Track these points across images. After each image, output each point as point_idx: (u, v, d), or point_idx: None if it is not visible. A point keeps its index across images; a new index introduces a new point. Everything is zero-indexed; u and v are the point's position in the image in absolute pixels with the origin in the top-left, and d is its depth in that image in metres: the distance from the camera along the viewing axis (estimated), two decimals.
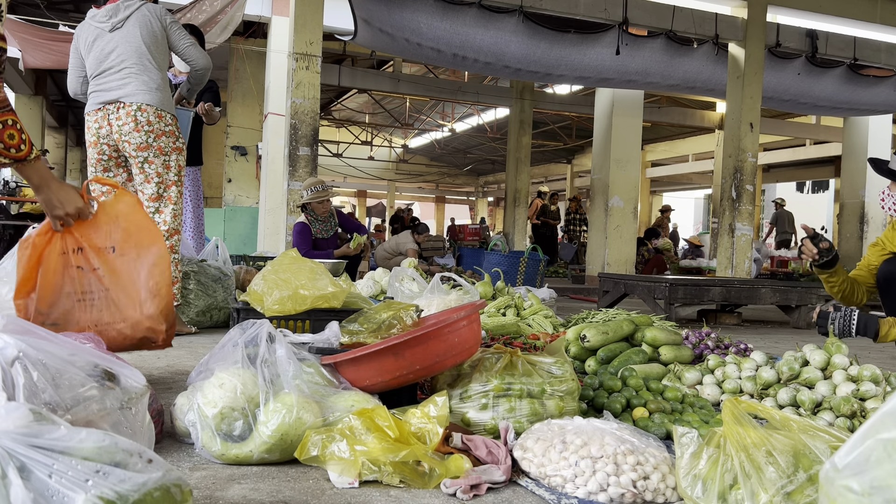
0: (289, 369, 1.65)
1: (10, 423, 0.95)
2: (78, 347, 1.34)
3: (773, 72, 8.28)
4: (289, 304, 2.02)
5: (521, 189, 12.60)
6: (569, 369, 1.87)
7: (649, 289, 5.30)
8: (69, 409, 1.19)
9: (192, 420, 1.63)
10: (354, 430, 1.50)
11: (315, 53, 6.06)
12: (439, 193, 29.98)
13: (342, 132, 20.79)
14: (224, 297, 3.89)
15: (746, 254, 7.85)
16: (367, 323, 1.96)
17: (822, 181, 20.96)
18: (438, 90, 12.63)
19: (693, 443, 1.45)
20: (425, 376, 1.81)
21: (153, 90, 3.30)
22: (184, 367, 2.71)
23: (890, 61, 8.70)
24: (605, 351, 2.70)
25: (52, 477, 0.94)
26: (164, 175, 3.35)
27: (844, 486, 1.02)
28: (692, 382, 2.48)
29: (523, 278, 7.48)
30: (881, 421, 1.01)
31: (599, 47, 7.54)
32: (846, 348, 2.28)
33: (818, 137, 15.23)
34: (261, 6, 8.35)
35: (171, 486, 1.04)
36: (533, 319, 3.57)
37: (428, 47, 7.26)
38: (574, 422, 1.64)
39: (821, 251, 2.83)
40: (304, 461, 1.50)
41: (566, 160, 22.05)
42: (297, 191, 5.93)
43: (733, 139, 7.84)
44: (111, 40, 3.30)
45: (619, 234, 9.52)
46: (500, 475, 1.53)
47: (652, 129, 16.52)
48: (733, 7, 7.94)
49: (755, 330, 5.28)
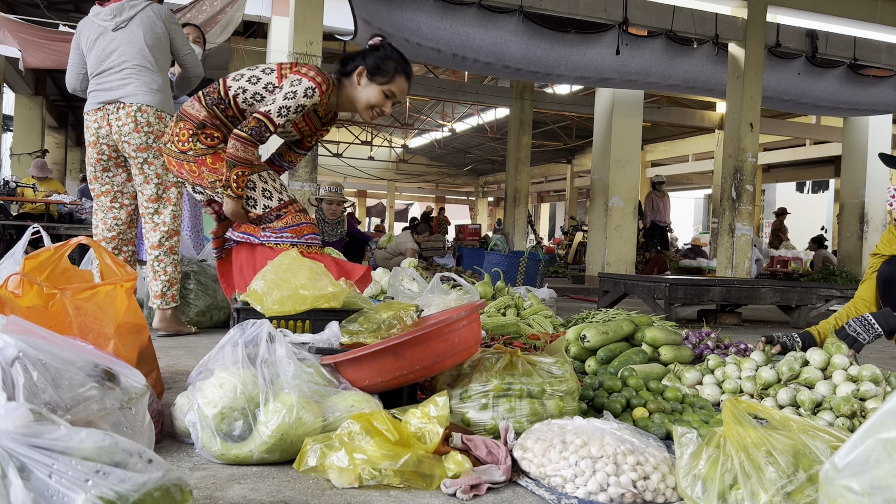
0: (289, 369, 1.65)
1: (10, 423, 0.95)
2: (78, 347, 1.34)
3: (773, 72, 8.29)
4: (289, 304, 2.02)
5: (521, 189, 12.61)
6: (569, 369, 1.87)
7: (649, 289, 5.30)
8: (69, 409, 1.19)
9: (192, 420, 1.63)
10: (353, 436, 1.50)
11: (315, 53, 6.06)
12: (439, 193, 30.00)
13: (342, 132, 20.80)
14: (224, 297, 3.89)
15: (746, 254, 7.85)
16: (367, 323, 1.96)
17: (822, 181, 20.97)
18: (438, 90, 12.63)
19: (693, 443, 1.45)
20: (425, 376, 1.81)
21: (154, 91, 3.29)
22: (184, 367, 2.71)
23: (890, 61, 8.70)
24: (605, 351, 2.70)
25: (52, 477, 0.94)
26: (163, 176, 3.35)
27: (844, 486, 1.02)
28: (692, 382, 2.48)
29: (523, 278, 7.48)
30: (881, 421, 1.01)
31: (599, 47, 7.54)
32: (846, 348, 2.28)
33: (818, 137, 15.24)
34: (261, 6, 8.35)
35: (171, 486, 1.04)
36: (533, 319, 3.57)
37: (428, 47, 7.26)
38: (574, 422, 1.64)
39: (784, 348, 2.64)
40: (302, 472, 1.49)
41: (566, 160, 22.05)
42: (297, 191, 5.94)
43: (733, 139, 7.84)
44: (114, 39, 3.29)
45: (619, 234, 9.52)
46: (500, 475, 1.53)
47: (652, 129, 16.52)
48: (733, 7, 7.94)
49: (755, 330, 5.28)
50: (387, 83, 2.61)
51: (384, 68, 2.60)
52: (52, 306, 1.75)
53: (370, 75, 2.60)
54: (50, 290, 1.75)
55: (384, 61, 2.60)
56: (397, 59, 2.62)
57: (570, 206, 22.07)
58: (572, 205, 22.14)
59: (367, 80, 2.61)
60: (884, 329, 2.52)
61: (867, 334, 2.51)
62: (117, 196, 3.44)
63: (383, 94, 2.62)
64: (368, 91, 2.62)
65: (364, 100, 2.63)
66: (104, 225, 3.44)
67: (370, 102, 2.62)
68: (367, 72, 2.60)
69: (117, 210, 3.45)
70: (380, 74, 2.60)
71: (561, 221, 26.60)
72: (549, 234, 28.82)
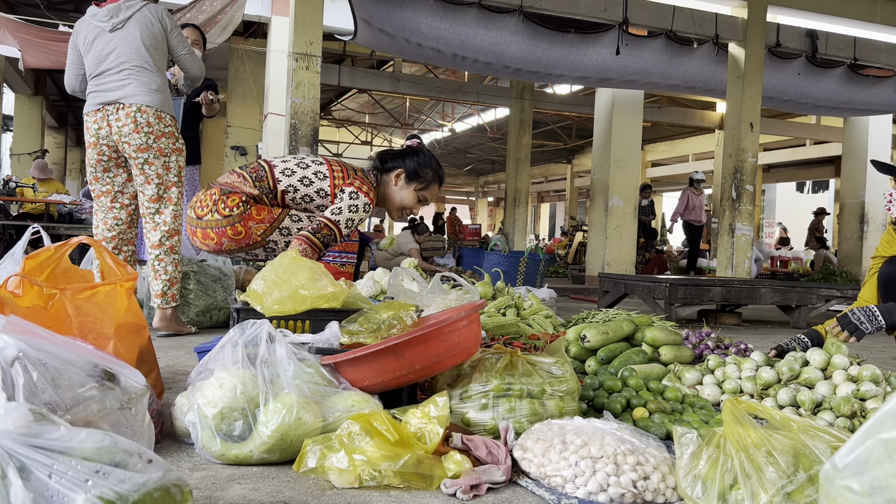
0: (289, 369, 1.65)
1: (10, 423, 0.95)
2: (78, 347, 1.34)
3: (773, 72, 8.29)
4: (289, 304, 2.02)
5: (521, 189, 12.61)
6: (569, 369, 1.87)
7: (649, 289, 5.30)
8: (69, 409, 1.19)
9: (191, 420, 1.63)
10: (353, 437, 1.50)
11: (315, 53, 6.06)
12: (439, 193, 30.01)
13: (342, 132, 20.82)
14: (224, 297, 3.89)
15: (746, 254, 7.85)
16: (367, 323, 1.96)
17: (822, 181, 20.97)
18: (438, 90, 12.64)
19: (693, 443, 1.45)
20: (425, 376, 1.81)
21: (153, 91, 3.30)
22: (184, 367, 2.71)
23: (890, 61, 8.70)
24: (606, 351, 2.70)
25: (52, 477, 0.94)
26: (164, 176, 3.35)
27: (844, 486, 1.02)
28: (692, 382, 2.48)
29: (523, 278, 7.49)
30: (881, 421, 1.01)
31: (599, 47, 7.55)
32: (846, 348, 2.28)
33: (818, 137, 15.25)
34: (261, 6, 8.35)
35: (171, 486, 1.04)
36: (533, 319, 3.57)
37: (428, 47, 7.26)
38: (574, 422, 1.63)
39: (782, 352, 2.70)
40: (301, 474, 1.48)
41: (566, 160, 22.07)
42: None
43: (733, 139, 7.84)
44: (111, 40, 3.29)
45: (619, 234, 9.52)
46: (500, 475, 1.53)
47: (652, 129, 16.53)
48: (733, 7, 7.94)
49: (755, 330, 5.28)
50: (423, 189, 2.71)
51: (423, 175, 2.69)
52: (51, 306, 1.75)
53: (408, 179, 2.68)
54: (50, 291, 1.75)
55: (423, 168, 2.69)
56: (435, 167, 2.73)
57: (570, 206, 22.09)
58: (572, 205, 22.15)
59: (404, 183, 2.68)
60: (886, 321, 2.54)
61: (870, 324, 2.53)
62: (117, 196, 3.45)
63: (417, 199, 2.71)
64: (404, 193, 2.70)
65: (399, 201, 2.71)
66: (104, 225, 3.45)
67: (404, 204, 2.72)
68: (405, 175, 2.67)
69: (117, 210, 3.46)
70: (417, 181, 2.68)
71: (561, 221, 26.60)
72: (549, 234, 28.82)
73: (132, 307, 1.88)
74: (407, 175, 2.68)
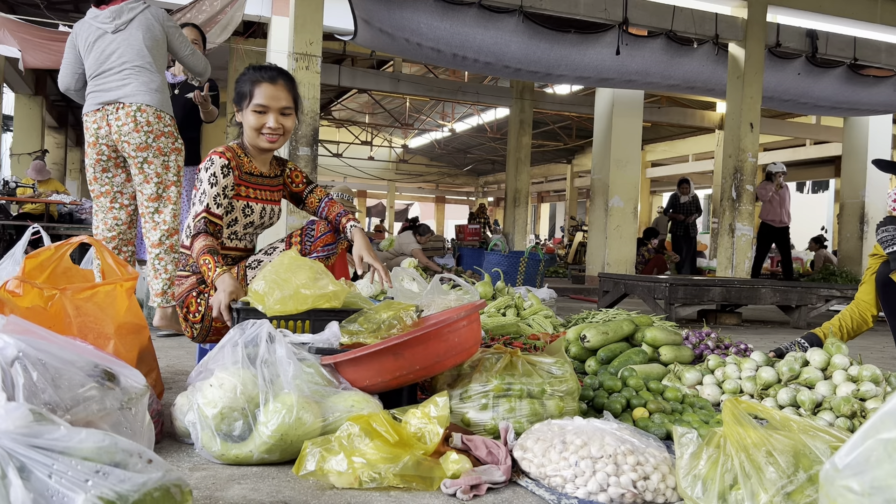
0: (289, 369, 1.65)
1: (10, 423, 0.95)
2: (78, 347, 1.34)
3: (773, 72, 8.28)
4: (290, 304, 2.02)
5: (521, 189, 12.60)
6: (569, 369, 1.87)
7: (649, 289, 5.30)
8: (69, 409, 1.19)
9: (192, 420, 1.63)
10: (352, 439, 1.49)
11: (315, 53, 6.06)
12: (439, 193, 29.99)
13: (342, 132, 20.80)
14: None
15: (746, 254, 7.85)
16: (367, 323, 1.96)
17: (822, 181, 20.95)
18: (438, 90, 12.63)
19: (693, 443, 1.45)
20: (425, 376, 1.81)
21: (153, 91, 3.32)
22: (184, 367, 2.71)
23: (890, 61, 8.69)
24: (606, 351, 2.70)
25: (52, 477, 0.94)
26: (163, 175, 3.36)
27: (844, 486, 1.02)
28: (692, 383, 2.48)
29: (523, 278, 7.49)
30: (881, 421, 1.01)
31: (599, 47, 7.54)
32: (846, 348, 2.28)
33: (818, 137, 15.23)
34: (261, 6, 8.34)
35: (171, 486, 1.04)
36: (533, 319, 3.57)
37: (428, 47, 7.26)
38: (574, 422, 1.63)
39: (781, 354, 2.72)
40: (301, 477, 1.48)
41: (566, 160, 22.05)
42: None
43: (733, 139, 7.84)
44: (113, 41, 3.33)
45: (619, 234, 9.52)
46: (500, 475, 1.53)
47: (652, 129, 16.52)
48: (733, 7, 7.94)
49: (755, 330, 5.28)
50: (251, 101, 2.49)
51: (242, 91, 2.49)
52: (51, 306, 1.75)
53: (238, 106, 2.51)
54: (50, 291, 1.75)
55: (240, 85, 2.51)
56: (248, 74, 2.51)
57: (570, 206, 22.07)
58: (572, 205, 22.14)
59: (241, 114, 2.51)
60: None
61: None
62: (117, 196, 3.46)
63: (256, 112, 2.47)
64: (245, 119, 2.50)
65: (247, 128, 2.51)
66: (104, 225, 3.46)
67: (252, 126, 2.48)
68: (236, 106, 2.52)
69: (117, 210, 3.47)
70: (243, 100, 2.50)
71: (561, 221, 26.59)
72: (549, 234, 28.82)
73: (132, 307, 1.88)
74: (236, 104, 2.51)
